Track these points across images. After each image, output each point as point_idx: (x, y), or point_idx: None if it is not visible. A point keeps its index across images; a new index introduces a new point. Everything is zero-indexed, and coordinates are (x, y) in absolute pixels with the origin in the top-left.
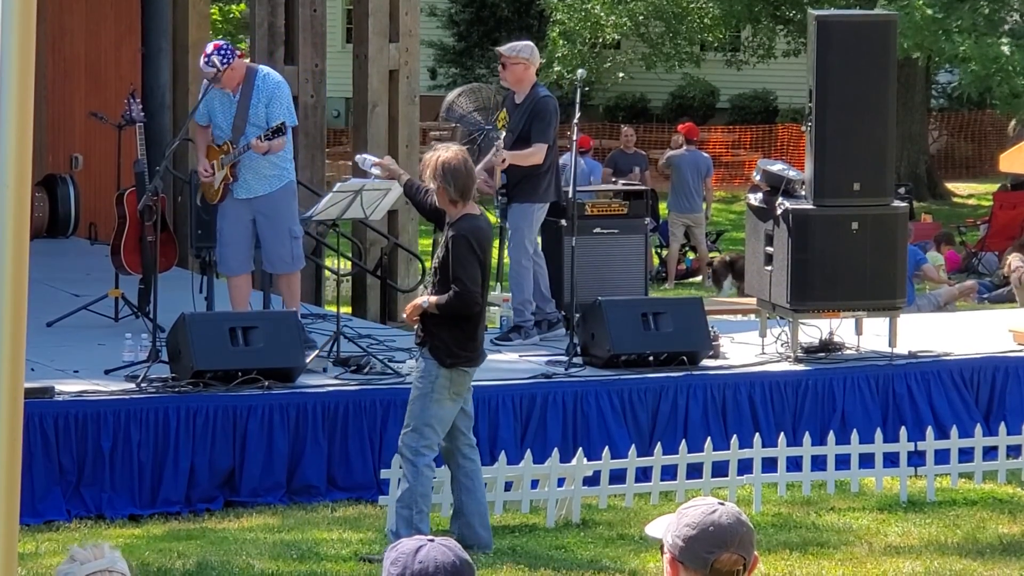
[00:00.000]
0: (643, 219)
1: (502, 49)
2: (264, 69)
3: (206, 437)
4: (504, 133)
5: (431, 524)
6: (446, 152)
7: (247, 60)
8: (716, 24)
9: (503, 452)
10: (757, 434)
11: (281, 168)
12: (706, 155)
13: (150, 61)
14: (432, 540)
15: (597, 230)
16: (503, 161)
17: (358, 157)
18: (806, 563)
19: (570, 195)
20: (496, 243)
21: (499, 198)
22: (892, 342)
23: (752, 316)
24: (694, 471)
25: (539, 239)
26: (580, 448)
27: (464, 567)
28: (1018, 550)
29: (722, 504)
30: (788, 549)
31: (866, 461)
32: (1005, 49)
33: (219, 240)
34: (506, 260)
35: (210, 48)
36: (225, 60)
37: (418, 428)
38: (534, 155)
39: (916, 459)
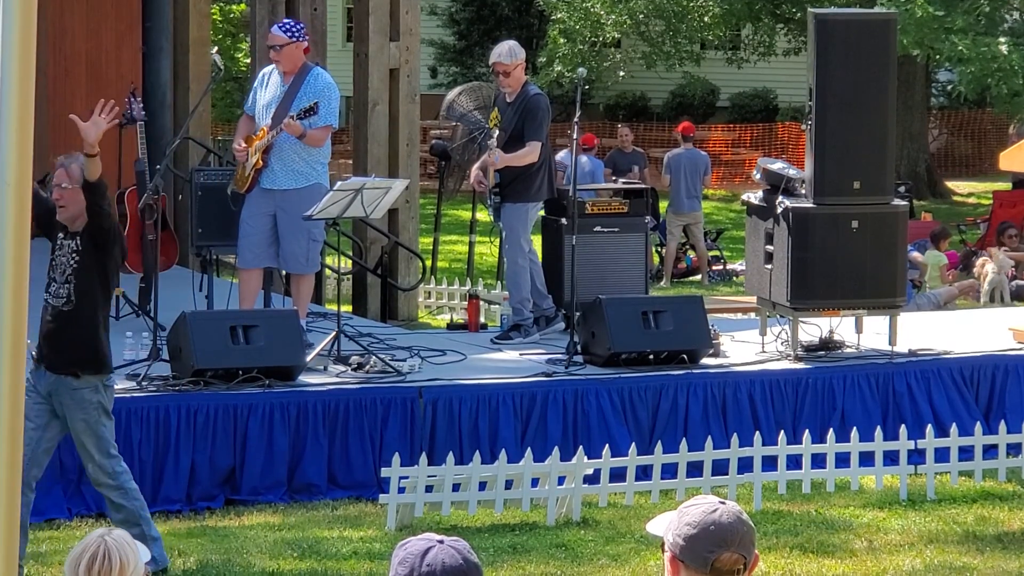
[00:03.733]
0: (643, 217)
1: (503, 59)
2: (319, 69)
3: (207, 435)
4: (497, 132)
5: (431, 524)
6: (68, 160)
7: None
8: (716, 22)
9: (503, 450)
10: (757, 432)
11: (312, 167)
12: (704, 153)
13: (151, 60)
14: (441, 542)
15: (597, 228)
16: (496, 160)
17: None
18: (806, 561)
19: (569, 192)
20: (496, 242)
21: (492, 197)
22: (892, 340)
23: (752, 314)
24: (694, 469)
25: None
26: (580, 446)
27: (472, 569)
28: (1018, 547)
29: (723, 503)
30: (788, 547)
31: (866, 459)
32: (1003, 48)
33: (238, 231)
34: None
35: (285, 21)
36: (295, 34)
37: (103, 453)
38: (529, 155)
39: (916, 457)
